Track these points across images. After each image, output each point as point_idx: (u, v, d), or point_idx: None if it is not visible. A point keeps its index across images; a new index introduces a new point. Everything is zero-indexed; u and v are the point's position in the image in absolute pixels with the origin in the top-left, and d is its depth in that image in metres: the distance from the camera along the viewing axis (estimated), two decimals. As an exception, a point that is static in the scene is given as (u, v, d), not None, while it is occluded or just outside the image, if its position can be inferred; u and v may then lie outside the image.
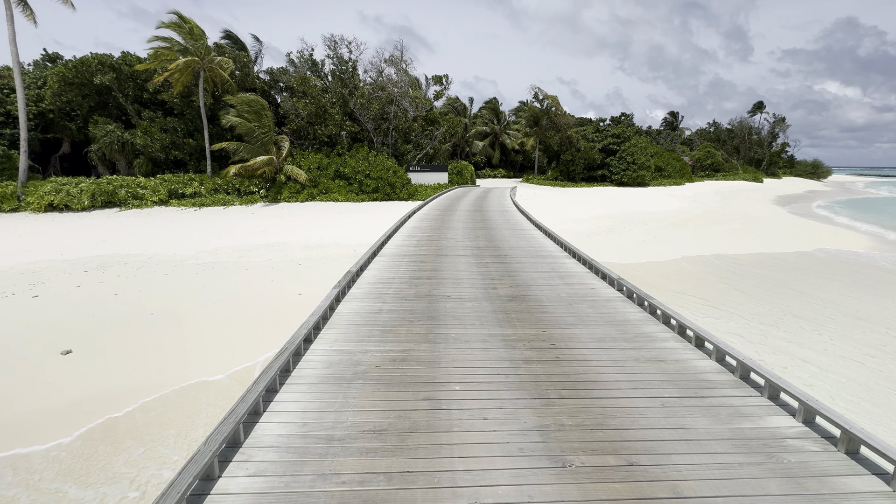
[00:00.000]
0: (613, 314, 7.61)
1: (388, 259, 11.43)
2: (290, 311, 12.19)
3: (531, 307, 7.90)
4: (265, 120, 33.16)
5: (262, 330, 10.87)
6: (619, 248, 21.94)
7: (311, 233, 23.40)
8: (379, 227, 24.91)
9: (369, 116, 38.32)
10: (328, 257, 18.90)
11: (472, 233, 15.86)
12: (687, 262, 19.17)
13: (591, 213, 33.16)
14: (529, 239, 14.64)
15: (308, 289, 14.72)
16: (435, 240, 14.42)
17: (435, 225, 18.01)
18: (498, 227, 17.25)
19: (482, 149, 61.71)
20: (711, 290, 14.43)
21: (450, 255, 11.96)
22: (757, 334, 10.44)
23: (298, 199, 33.47)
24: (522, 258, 11.71)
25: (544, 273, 10.23)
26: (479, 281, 9.49)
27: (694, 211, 36.44)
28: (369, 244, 21.61)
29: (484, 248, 13.12)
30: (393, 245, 13.36)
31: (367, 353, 5.99)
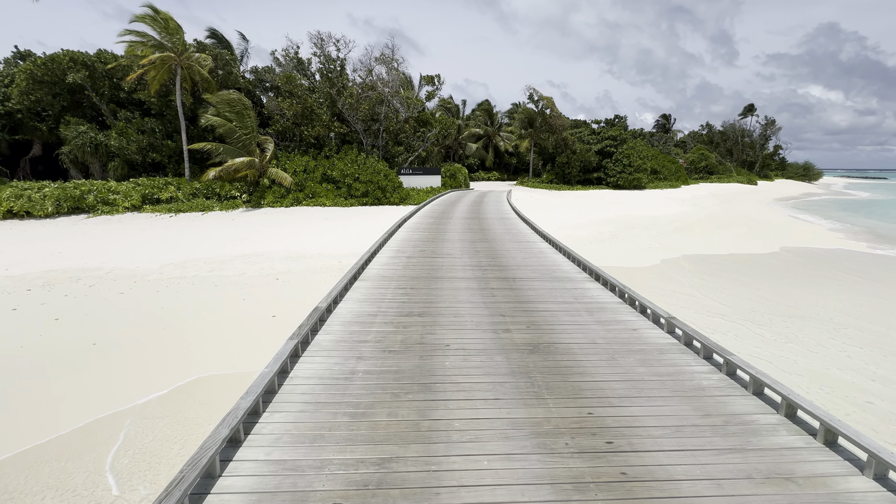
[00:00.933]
0: (678, 377, 5.35)
1: (372, 284, 9.14)
2: (258, 341, 9.98)
3: (561, 364, 5.63)
4: (247, 120, 30.72)
5: (221, 368, 8.64)
6: (625, 255, 19.88)
7: (294, 241, 21.07)
8: (368, 234, 22.63)
9: (358, 117, 35.97)
10: (310, 270, 16.60)
11: (470, 246, 13.60)
12: (698, 268, 17.09)
13: (591, 218, 31.11)
14: (538, 254, 12.39)
15: (284, 309, 12.50)
16: (428, 255, 12.14)
17: (428, 236, 15.73)
18: (500, 239, 14.98)
19: (475, 151, 59.51)
20: (753, 313, 12.30)
21: (446, 279, 9.67)
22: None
23: (283, 203, 31.06)
24: (535, 282, 9.46)
25: (566, 305, 7.97)
26: (485, 318, 7.22)
27: (696, 215, 34.52)
28: (357, 254, 19.28)
29: (487, 266, 10.85)
30: (378, 264, 11.07)
31: (323, 472, 3.66)
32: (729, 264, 18.62)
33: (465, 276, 9.83)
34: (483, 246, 13.63)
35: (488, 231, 16.91)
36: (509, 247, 13.49)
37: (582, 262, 10.55)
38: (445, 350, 5.97)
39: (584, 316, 7.39)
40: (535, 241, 14.69)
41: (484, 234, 15.98)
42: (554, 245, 13.55)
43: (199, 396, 7.80)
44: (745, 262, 19.23)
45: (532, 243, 14.15)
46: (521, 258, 11.81)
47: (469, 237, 15.38)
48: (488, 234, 16.01)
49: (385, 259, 11.58)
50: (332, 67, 36.33)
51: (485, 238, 15.20)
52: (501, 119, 67.21)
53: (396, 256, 11.95)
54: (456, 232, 16.56)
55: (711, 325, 11.06)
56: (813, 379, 8.22)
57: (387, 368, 5.43)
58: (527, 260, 11.61)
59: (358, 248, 19.52)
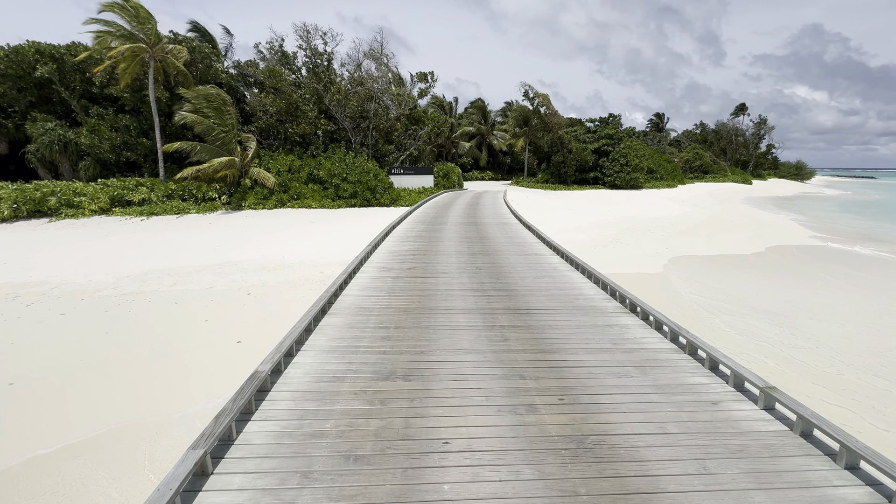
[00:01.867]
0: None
1: (344, 321, 6.88)
2: (211, 378, 7.92)
3: (627, 484, 3.46)
4: (226, 117, 28.26)
5: (153, 413, 6.51)
6: (631, 261, 17.86)
7: (274, 248, 18.78)
8: (355, 239, 20.38)
9: (346, 114, 33.58)
10: (288, 283, 14.36)
11: (469, 261, 11.36)
12: (715, 278, 15.02)
13: (592, 220, 29.09)
14: (551, 272, 10.16)
15: (252, 333, 10.35)
16: (419, 275, 9.91)
17: (419, 247, 13.48)
18: (503, 251, 12.72)
19: (469, 150, 57.23)
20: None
21: (441, 311, 7.44)
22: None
23: (265, 205, 28.68)
24: (555, 315, 7.25)
25: (605, 356, 5.73)
26: (499, 384, 4.98)
27: (698, 217, 32.64)
28: (342, 262, 17.01)
29: (491, 291, 8.61)
30: (357, 287, 8.82)
31: None
32: (747, 271, 16.60)
33: (466, 307, 7.60)
34: (484, 261, 11.40)
35: (488, 240, 14.70)
36: (515, 262, 11.26)
37: (609, 286, 8.31)
38: (442, 453, 3.79)
39: (636, 377, 5.16)
40: (543, 252, 12.45)
41: (484, 245, 13.76)
42: (568, 259, 11.31)
43: (97, 456, 5.65)
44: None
45: (540, 256, 11.91)
46: (531, 278, 9.59)
47: (467, 248, 13.16)
48: (489, 245, 13.80)
49: (366, 280, 9.33)
50: (318, 62, 33.88)
51: (485, 250, 12.96)
52: (495, 118, 64.99)
53: (380, 276, 9.70)
54: (451, 242, 14.33)
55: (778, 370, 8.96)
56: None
57: (350, 499, 3.25)
58: (539, 280, 9.39)
59: (343, 256, 17.30)
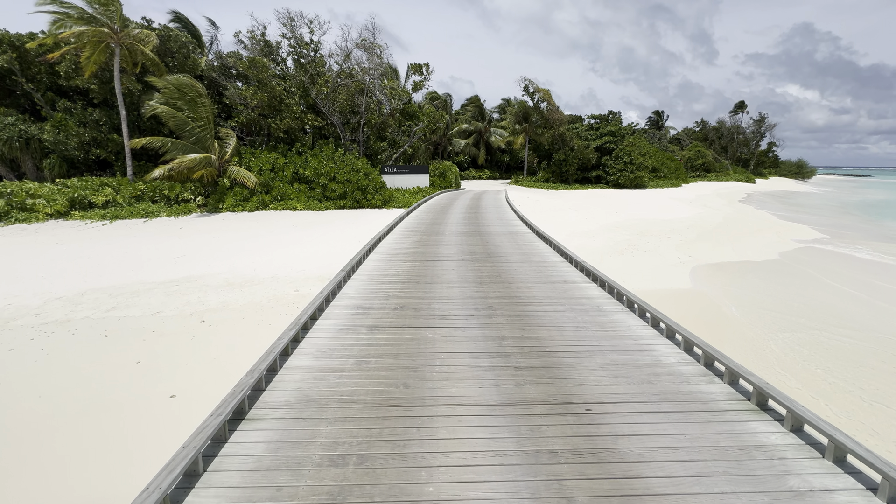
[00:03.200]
0: None
1: (278, 425, 4.03)
2: (124, 460, 5.15)
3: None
4: (201, 110, 25.18)
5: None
6: (654, 274, 15.10)
7: (247, 258, 15.83)
8: (342, 246, 17.47)
9: (335, 108, 30.52)
10: (254, 305, 11.44)
11: (478, 295, 8.28)
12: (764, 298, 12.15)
13: (601, 224, 26.27)
14: (596, 314, 7.20)
15: (193, 380, 7.65)
16: (409, 320, 6.90)
17: (410, 271, 10.39)
18: (521, 277, 9.61)
19: (466, 148, 54.23)
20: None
21: (442, 401, 4.53)
22: None
23: (246, 207, 25.67)
24: (632, 413, 4.35)
25: (721, 468, 3.06)
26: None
27: (713, 219, 29.89)
28: (323, 277, 14.05)
29: (521, 364, 5.49)
30: (315, 345, 5.81)
31: None
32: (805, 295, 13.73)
33: (481, 400, 4.60)
34: (498, 294, 8.36)
35: (498, 259, 11.63)
36: (540, 295, 8.21)
37: (705, 350, 5.29)
38: None
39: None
40: (574, 279, 9.36)
41: (494, 267, 10.68)
42: (614, 292, 8.11)
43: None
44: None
45: (572, 285, 8.85)
46: (570, 328, 6.55)
47: (472, 272, 10.13)
48: (501, 267, 10.75)
49: (329, 334, 6.23)
50: (304, 52, 30.80)
51: (497, 274, 9.87)
52: (492, 114, 62.00)
53: (351, 325, 6.60)
54: (452, 262, 11.29)
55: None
56: None
57: None
58: (583, 333, 6.38)
59: (325, 268, 14.38)
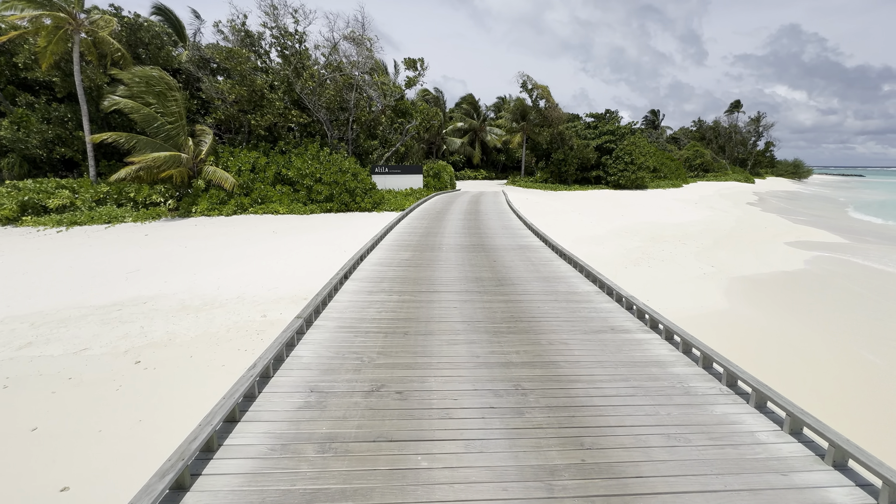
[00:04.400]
0: None
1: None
2: None
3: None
4: (172, 104, 22.61)
5: None
6: (680, 290, 12.77)
7: (213, 272, 13.37)
8: (324, 256, 15.06)
9: (321, 104, 28.04)
10: (208, 337, 8.98)
11: (494, 351, 5.75)
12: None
13: (608, 228, 23.99)
14: (663, 378, 4.93)
15: (99, 462, 5.07)
16: (392, 410, 4.49)
17: (399, 310, 7.45)
18: (548, 318, 7.01)
19: (461, 147, 51.79)
20: None
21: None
22: None
23: (222, 211, 23.15)
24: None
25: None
26: None
27: (725, 223, 27.71)
28: (297, 297, 11.60)
29: (575, 492, 3.21)
30: (243, 459, 3.54)
31: None
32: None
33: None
34: (522, 353, 5.76)
35: (513, 287, 8.91)
36: (585, 356, 5.66)
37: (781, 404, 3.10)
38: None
39: None
40: (625, 324, 6.79)
41: (511, 304, 7.83)
42: (711, 364, 5.33)
43: None
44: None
45: (629, 339, 6.24)
46: (659, 439, 4.07)
47: (483, 313, 7.29)
48: (519, 304, 7.84)
49: (257, 450, 3.86)
50: (288, 43, 28.27)
51: (517, 317, 7.13)
52: (487, 113, 59.65)
53: (294, 438, 4.10)
54: (452, 294, 8.46)
55: None
56: None
57: None
58: (683, 450, 3.94)
59: (302, 286, 11.95)
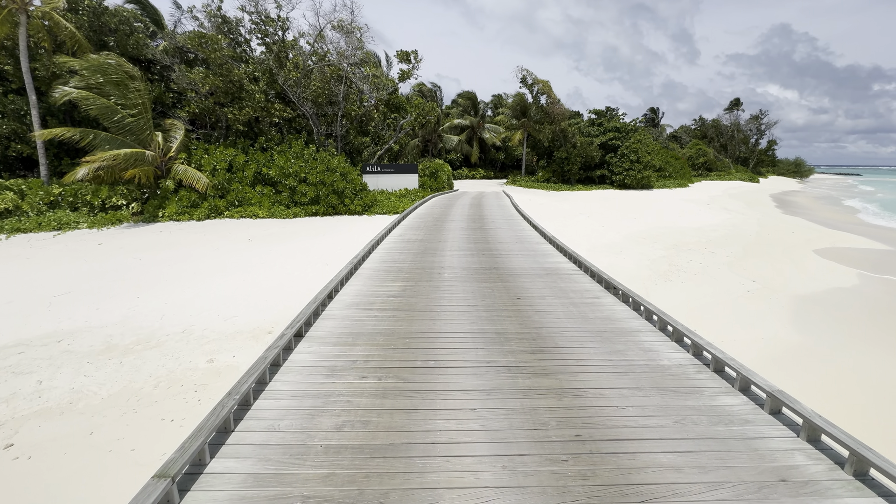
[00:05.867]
0: None
1: None
2: None
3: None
4: (133, 95, 19.71)
5: None
6: (732, 315, 10.29)
7: (161, 295, 10.57)
8: (302, 270, 12.38)
9: (306, 96, 25.22)
10: (126, 397, 6.09)
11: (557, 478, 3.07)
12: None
13: (623, 233, 21.32)
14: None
15: None
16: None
17: (374, 423, 4.15)
18: (645, 427, 3.95)
19: (458, 145, 48.99)
20: None
21: None
22: None
23: (194, 215, 20.32)
24: None
25: None
26: None
27: (747, 227, 25.06)
28: (261, 332, 8.89)
29: None
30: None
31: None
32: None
33: None
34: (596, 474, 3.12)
35: (558, 353, 5.63)
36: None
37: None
38: None
39: None
40: (753, 418, 4.15)
41: (564, 402, 4.39)
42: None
43: None
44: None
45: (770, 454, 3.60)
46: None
47: (523, 420, 4.16)
48: (577, 398, 4.46)
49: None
50: (270, 30, 25.41)
51: (577, 434, 4.02)
52: (484, 111, 56.89)
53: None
54: (463, 376, 4.96)
55: None
56: None
57: None
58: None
59: (269, 313, 9.22)
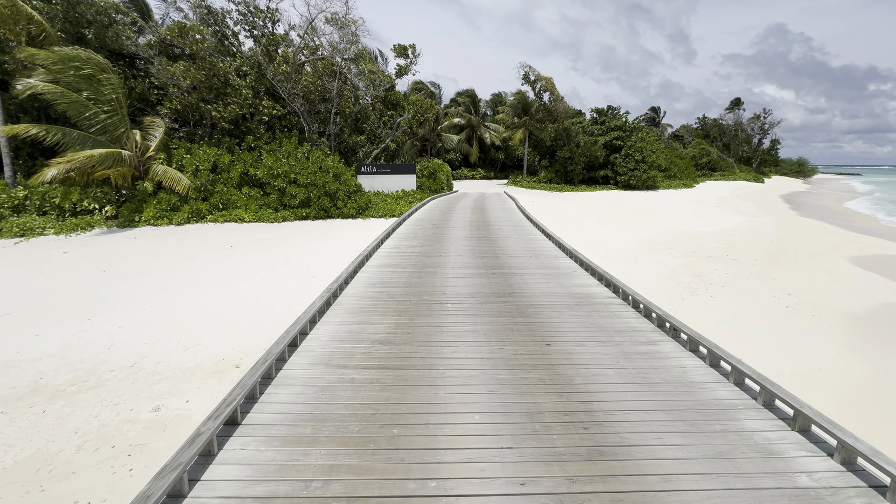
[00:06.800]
0: None
1: None
2: None
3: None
4: (107, 90, 17.99)
5: None
6: (772, 336, 8.71)
7: (114, 316, 8.76)
8: (285, 288, 10.78)
9: (297, 92, 23.50)
10: (26, 477, 4.41)
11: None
12: None
13: (635, 237, 19.68)
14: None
15: None
16: None
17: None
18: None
19: (457, 144, 47.28)
20: None
21: None
22: None
23: (173, 219, 18.62)
24: None
25: None
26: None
27: (765, 231, 23.37)
28: (226, 366, 7.27)
29: None
30: None
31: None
32: None
33: None
34: None
35: (610, 427, 3.90)
36: None
37: None
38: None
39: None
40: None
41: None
42: None
43: None
44: None
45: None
46: None
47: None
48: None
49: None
50: (258, 22, 23.67)
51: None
52: (484, 109, 55.20)
53: None
54: (491, 463, 3.40)
55: None
56: None
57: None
58: None
59: (240, 340, 7.54)
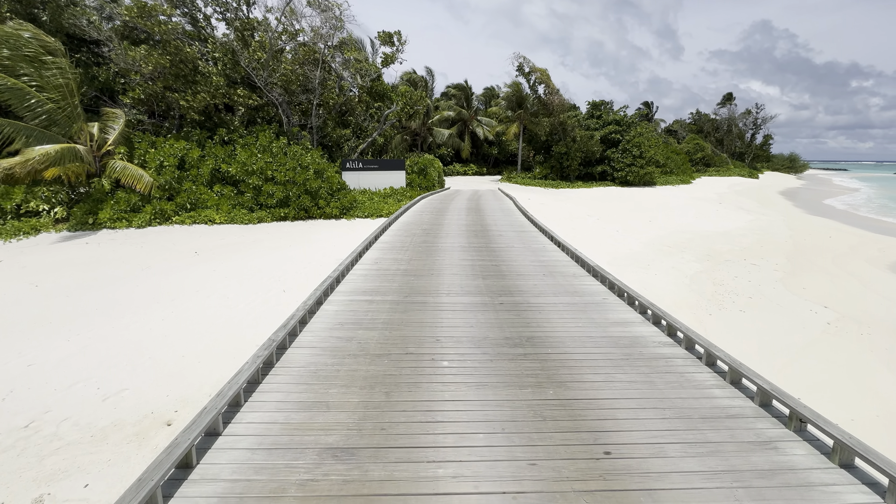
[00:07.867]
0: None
1: None
2: None
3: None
4: (53, 75, 15.78)
5: None
6: (828, 367, 7.02)
7: (25, 349, 6.78)
8: (249, 307, 8.83)
9: (275, 81, 21.37)
10: None
11: None
12: None
13: (641, 239, 18.01)
14: None
15: None
16: None
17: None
18: None
19: (449, 139, 45.26)
20: None
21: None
22: None
23: (134, 222, 16.51)
24: None
25: None
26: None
27: (777, 230, 21.81)
28: (153, 423, 5.29)
29: None
30: None
31: None
32: None
33: None
34: None
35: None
36: None
37: None
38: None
39: None
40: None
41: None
42: None
43: None
44: None
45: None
46: None
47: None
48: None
49: None
50: (232, 4, 21.45)
51: None
52: (477, 103, 53.19)
53: None
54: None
55: None
56: None
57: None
58: None
59: (181, 384, 5.61)
